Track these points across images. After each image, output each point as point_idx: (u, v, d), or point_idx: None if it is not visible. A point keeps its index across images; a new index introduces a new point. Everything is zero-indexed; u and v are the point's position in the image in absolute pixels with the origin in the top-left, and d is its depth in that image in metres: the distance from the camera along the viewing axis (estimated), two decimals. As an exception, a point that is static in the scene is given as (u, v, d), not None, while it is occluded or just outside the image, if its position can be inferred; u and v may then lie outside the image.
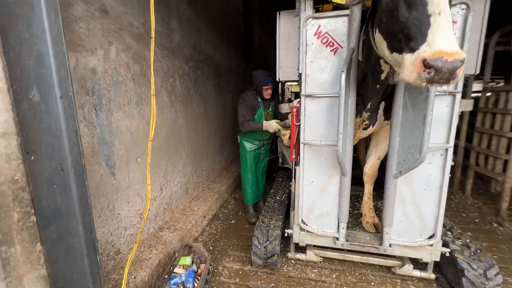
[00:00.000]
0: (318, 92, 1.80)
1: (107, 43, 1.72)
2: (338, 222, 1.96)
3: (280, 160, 4.40)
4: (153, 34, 1.55)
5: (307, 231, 2.07)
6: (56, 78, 1.07)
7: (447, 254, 1.86)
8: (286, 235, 2.19)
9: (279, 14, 2.01)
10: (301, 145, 1.90)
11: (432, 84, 0.88)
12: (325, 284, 2.06)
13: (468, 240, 1.99)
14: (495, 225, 2.92)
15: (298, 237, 2.11)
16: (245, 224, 3.03)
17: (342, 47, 1.71)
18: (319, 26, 1.72)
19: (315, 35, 1.74)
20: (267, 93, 2.70)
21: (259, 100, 2.79)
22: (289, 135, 2.52)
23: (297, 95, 3.29)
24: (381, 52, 1.22)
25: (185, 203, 2.89)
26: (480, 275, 1.73)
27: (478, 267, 1.75)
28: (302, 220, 2.03)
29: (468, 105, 1.75)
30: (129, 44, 1.93)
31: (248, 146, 2.98)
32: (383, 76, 1.51)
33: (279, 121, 2.78)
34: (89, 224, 1.23)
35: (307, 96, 1.82)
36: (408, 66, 0.92)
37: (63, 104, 1.10)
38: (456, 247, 1.90)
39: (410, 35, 0.93)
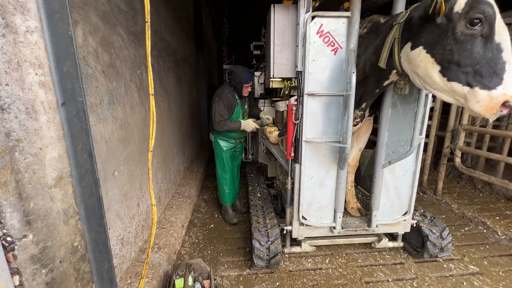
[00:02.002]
0: (319, 91, 1.83)
1: (72, 22, 1.26)
2: (335, 212, 2.10)
3: (243, 155, 4.36)
4: (148, 18, 1.26)
5: (305, 225, 2.14)
6: (56, 75, 0.72)
7: (414, 225, 2.27)
8: (284, 232, 2.21)
9: (274, 7, 1.91)
10: (303, 143, 1.92)
11: (496, 117, 1.04)
12: (323, 271, 2.20)
13: (423, 211, 2.48)
14: (421, 193, 3.73)
15: (298, 232, 2.16)
16: (226, 227, 2.89)
17: (342, 48, 1.78)
18: (321, 25, 1.73)
19: (317, 33, 1.75)
20: (247, 90, 2.58)
21: (236, 97, 2.64)
22: (276, 132, 2.49)
23: (268, 91, 3.26)
24: (422, 72, 1.24)
25: (159, 214, 2.52)
26: (438, 237, 2.20)
27: (436, 231, 2.21)
28: (302, 216, 2.08)
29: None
30: (96, 26, 1.47)
31: (224, 145, 2.81)
32: (386, 83, 1.65)
33: (255, 120, 2.72)
34: (109, 273, 0.92)
35: (309, 94, 1.83)
36: (488, 102, 1.03)
37: (67, 114, 0.75)
38: (418, 218, 2.33)
39: (482, 73, 1.03)
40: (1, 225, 0.41)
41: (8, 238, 0.41)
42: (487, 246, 2.51)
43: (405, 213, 2.19)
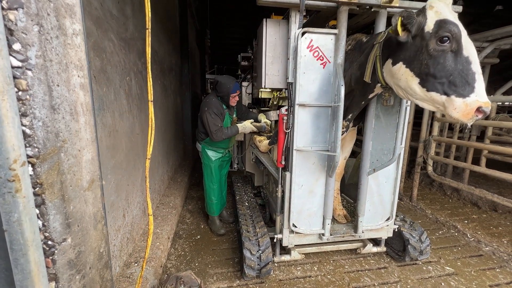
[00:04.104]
0: (309, 102, 1.92)
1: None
2: (324, 219, 2.15)
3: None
4: (148, 24, 1.27)
5: (296, 232, 2.16)
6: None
7: (396, 230, 2.40)
8: (275, 240, 2.21)
9: (266, 21, 2.00)
10: (294, 152, 1.97)
11: (473, 122, 1.18)
12: (312, 278, 2.22)
13: (402, 216, 2.62)
14: (398, 200, 3.94)
15: (288, 240, 2.18)
16: (213, 237, 2.83)
17: (330, 62, 1.89)
18: (311, 40, 1.84)
19: (307, 48, 1.84)
20: (234, 100, 2.60)
21: (224, 107, 2.65)
22: (266, 141, 2.53)
23: (256, 101, 3.33)
24: (404, 85, 1.36)
25: (143, 226, 2.40)
26: (417, 240, 2.33)
27: (416, 235, 2.35)
28: (293, 223, 2.11)
29: (407, 115, 2.29)
30: (89, 30, 1.44)
31: (212, 155, 2.78)
32: (371, 96, 1.78)
33: (252, 120, 2.69)
34: None
35: (300, 105, 1.90)
36: (464, 108, 1.16)
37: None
38: (399, 223, 2.47)
39: (456, 83, 1.17)
40: (44, 228, 0.38)
41: (49, 242, 0.38)
42: (459, 248, 2.71)
43: (388, 219, 2.30)
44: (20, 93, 0.40)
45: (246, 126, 2.56)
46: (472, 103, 1.15)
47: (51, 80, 0.42)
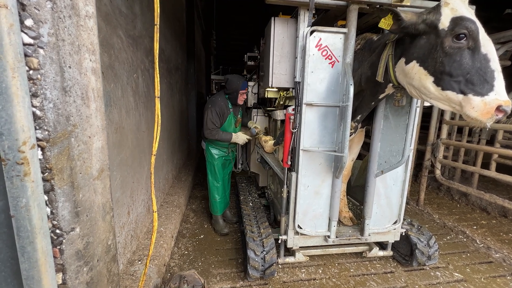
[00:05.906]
0: (317, 101, 1.89)
1: (76, 20, 1.22)
2: (330, 221, 2.12)
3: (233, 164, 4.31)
4: (157, 20, 1.27)
5: (300, 234, 2.13)
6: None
7: (403, 234, 2.35)
8: (279, 241, 2.18)
9: (274, 20, 1.98)
10: (301, 152, 1.95)
11: (493, 121, 1.14)
12: (317, 281, 2.18)
13: (410, 220, 2.57)
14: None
15: (293, 241, 2.15)
16: (217, 237, 2.81)
17: (338, 61, 1.87)
18: (320, 39, 1.82)
19: (316, 46, 1.82)
20: (242, 98, 2.60)
21: (230, 106, 2.65)
22: (271, 142, 2.51)
23: (261, 101, 3.31)
24: (417, 84, 1.33)
25: (147, 224, 2.40)
26: (425, 245, 2.28)
27: (424, 239, 2.29)
28: (298, 225, 2.08)
29: (416, 116, 2.24)
30: (99, 26, 1.41)
31: (216, 153, 2.78)
32: (381, 96, 1.74)
33: (245, 131, 2.74)
34: (112, 282, 0.85)
35: (307, 104, 1.88)
36: (482, 107, 1.11)
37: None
38: (407, 227, 2.42)
39: (474, 81, 1.13)
40: (52, 216, 0.37)
41: (57, 231, 0.37)
42: (468, 254, 2.64)
43: (395, 222, 2.26)
44: (31, 72, 0.38)
45: (240, 136, 2.64)
46: (492, 101, 1.11)
47: (63, 60, 0.40)
